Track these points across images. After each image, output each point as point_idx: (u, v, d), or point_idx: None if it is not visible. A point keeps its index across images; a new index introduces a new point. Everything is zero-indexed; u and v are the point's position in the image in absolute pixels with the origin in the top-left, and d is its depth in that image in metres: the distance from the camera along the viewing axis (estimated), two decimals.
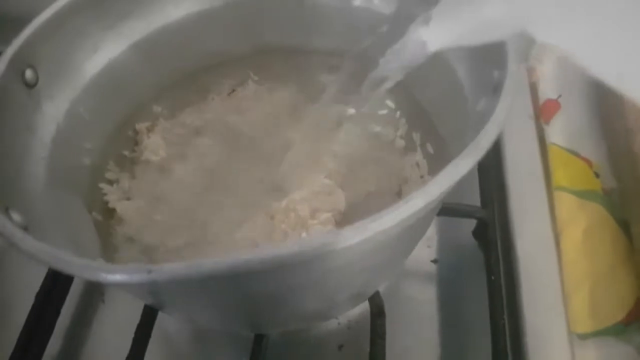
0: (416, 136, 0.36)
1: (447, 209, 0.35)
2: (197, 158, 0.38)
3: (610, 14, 0.18)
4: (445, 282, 0.37)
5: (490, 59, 0.25)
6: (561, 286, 0.34)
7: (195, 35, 0.37)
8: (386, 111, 0.37)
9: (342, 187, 0.35)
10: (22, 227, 0.22)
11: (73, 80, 0.32)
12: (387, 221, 0.18)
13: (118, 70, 0.34)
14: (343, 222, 0.33)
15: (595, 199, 0.39)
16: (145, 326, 0.32)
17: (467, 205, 0.37)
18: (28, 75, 0.28)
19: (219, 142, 0.39)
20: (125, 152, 0.37)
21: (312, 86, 0.40)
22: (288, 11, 0.37)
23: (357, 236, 0.18)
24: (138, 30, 0.35)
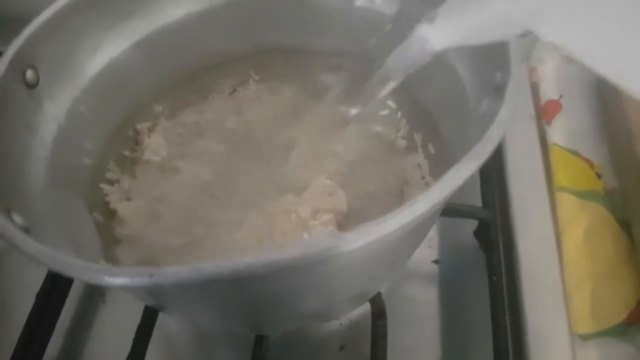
0: (417, 137, 0.36)
1: (449, 210, 0.35)
2: (198, 158, 0.38)
3: (611, 13, 0.18)
4: (446, 283, 0.37)
5: (492, 60, 0.25)
6: (562, 286, 0.34)
7: (195, 34, 0.37)
8: (387, 111, 0.37)
9: (343, 188, 0.34)
10: (24, 229, 0.22)
11: (74, 80, 0.31)
12: (391, 225, 0.18)
13: (119, 69, 0.34)
14: (344, 223, 0.33)
15: (596, 200, 0.39)
16: (146, 326, 0.32)
17: (469, 205, 0.37)
18: (29, 75, 0.28)
19: (220, 142, 0.39)
20: (125, 152, 0.37)
21: (313, 86, 0.40)
22: (289, 11, 0.37)
23: (361, 240, 0.18)
24: (139, 29, 0.35)
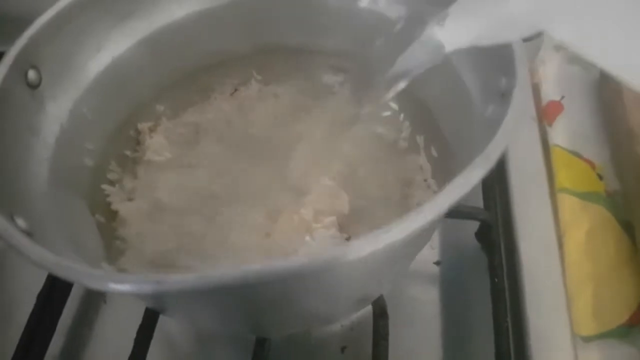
0: (420, 139, 0.36)
1: (450, 211, 0.35)
2: (200, 158, 0.38)
3: (619, 12, 0.18)
4: (448, 284, 0.37)
5: (497, 65, 0.25)
6: (564, 288, 0.34)
7: (198, 34, 0.37)
8: (389, 113, 0.37)
9: (345, 189, 0.34)
10: (27, 233, 0.21)
11: (76, 80, 0.31)
12: (398, 233, 0.19)
13: (121, 69, 0.34)
14: (346, 226, 0.33)
15: (598, 201, 0.39)
16: (147, 327, 0.32)
17: (470, 207, 0.37)
18: (31, 75, 0.28)
19: (222, 142, 0.38)
20: (127, 152, 0.37)
21: (315, 86, 0.40)
22: (291, 11, 0.37)
23: (368, 248, 0.18)
24: (141, 29, 0.35)
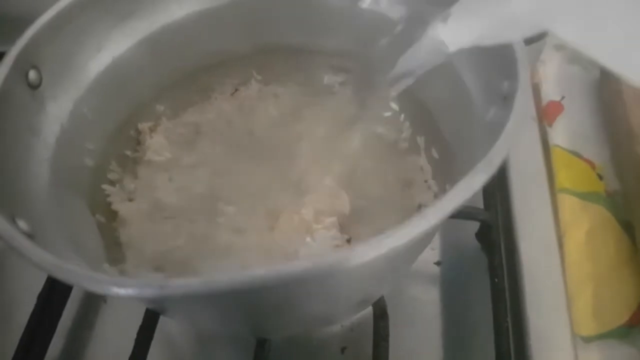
0: (420, 140, 0.36)
1: None
2: (200, 158, 0.38)
3: (620, 11, 0.18)
4: (448, 284, 0.37)
5: (499, 68, 0.25)
6: (564, 288, 0.34)
7: (198, 34, 0.37)
8: (390, 113, 0.37)
9: (345, 190, 0.34)
10: (29, 235, 0.21)
11: (77, 80, 0.31)
12: (402, 237, 0.19)
13: (121, 69, 0.34)
14: (347, 226, 0.33)
15: (598, 201, 0.39)
16: (147, 328, 0.32)
17: (470, 207, 0.37)
18: (31, 76, 0.28)
19: (222, 142, 0.38)
20: (127, 152, 0.37)
21: (316, 86, 0.40)
22: (292, 11, 0.37)
23: (372, 253, 0.18)
24: (141, 29, 0.35)
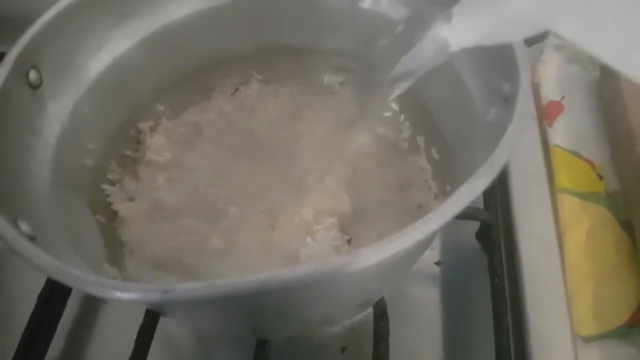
0: (420, 140, 0.36)
1: None
2: (200, 158, 0.38)
3: (622, 9, 0.18)
4: (448, 284, 0.37)
5: (499, 69, 0.25)
6: (564, 288, 0.34)
7: (198, 33, 0.37)
8: (390, 113, 0.37)
9: (346, 190, 0.34)
10: (30, 237, 0.21)
11: (77, 80, 0.31)
12: (405, 242, 0.19)
13: (122, 69, 0.34)
14: (347, 226, 0.33)
15: (598, 201, 0.39)
16: (147, 328, 0.32)
17: (470, 207, 0.36)
18: (32, 76, 0.28)
19: (222, 142, 0.38)
20: (127, 152, 0.37)
21: (317, 86, 0.40)
22: (294, 11, 0.37)
23: (374, 258, 0.18)
24: (142, 29, 0.35)
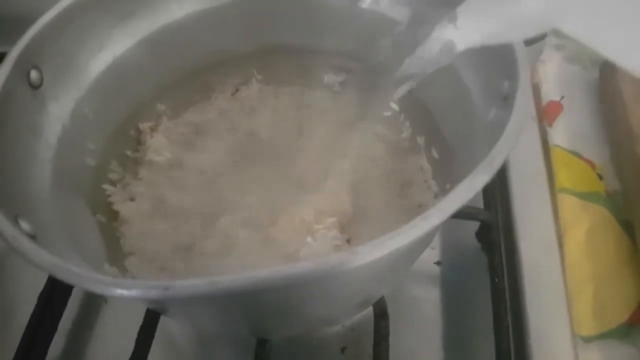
0: (420, 140, 0.36)
1: None
2: (201, 158, 0.38)
3: (626, 7, 0.18)
4: (448, 284, 0.37)
5: (499, 67, 0.25)
6: (564, 288, 0.35)
7: (199, 33, 0.37)
8: (390, 113, 0.37)
9: (346, 190, 0.34)
10: (31, 236, 0.21)
11: (78, 79, 0.31)
12: (403, 239, 0.19)
13: (122, 68, 0.34)
14: (347, 226, 0.33)
15: (598, 201, 0.39)
16: (148, 327, 0.32)
17: (470, 207, 0.37)
18: (33, 76, 0.28)
19: (222, 142, 0.38)
20: (128, 152, 0.37)
21: (317, 86, 0.40)
22: (294, 11, 0.37)
23: (374, 254, 0.19)
24: (142, 28, 0.35)
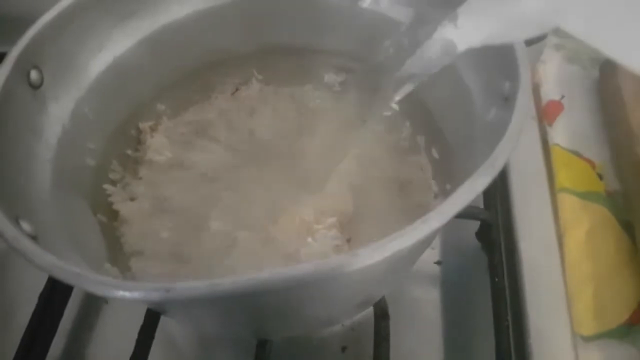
0: (420, 139, 0.36)
1: None
2: (201, 158, 0.38)
3: (628, 5, 0.18)
4: (448, 284, 0.37)
5: (500, 68, 0.25)
6: (564, 288, 0.35)
7: (199, 33, 0.37)
8: (390, 113, 0.37)
9: (346, 190, 0.34)
10: (32, 237, 0.21)
11: (78, 79, 0.31)
12: (405, 241, 0.19)
13: (123, 68, 0.34)
14: (347, 226, 0.33)
15: (598, 201, 0.39)
16: (148, 328, 0.32)
17: (470, 206, 0.36)
18: (33, 76, 0.28)
19: (222, 142, 0.38)
20: (128, 152, 0.37)
21: (317, 86, 0.40)
22: (294, 11, 0.37)
23: (375, 256, 0.18)
24: (143, 28, 0.35)
